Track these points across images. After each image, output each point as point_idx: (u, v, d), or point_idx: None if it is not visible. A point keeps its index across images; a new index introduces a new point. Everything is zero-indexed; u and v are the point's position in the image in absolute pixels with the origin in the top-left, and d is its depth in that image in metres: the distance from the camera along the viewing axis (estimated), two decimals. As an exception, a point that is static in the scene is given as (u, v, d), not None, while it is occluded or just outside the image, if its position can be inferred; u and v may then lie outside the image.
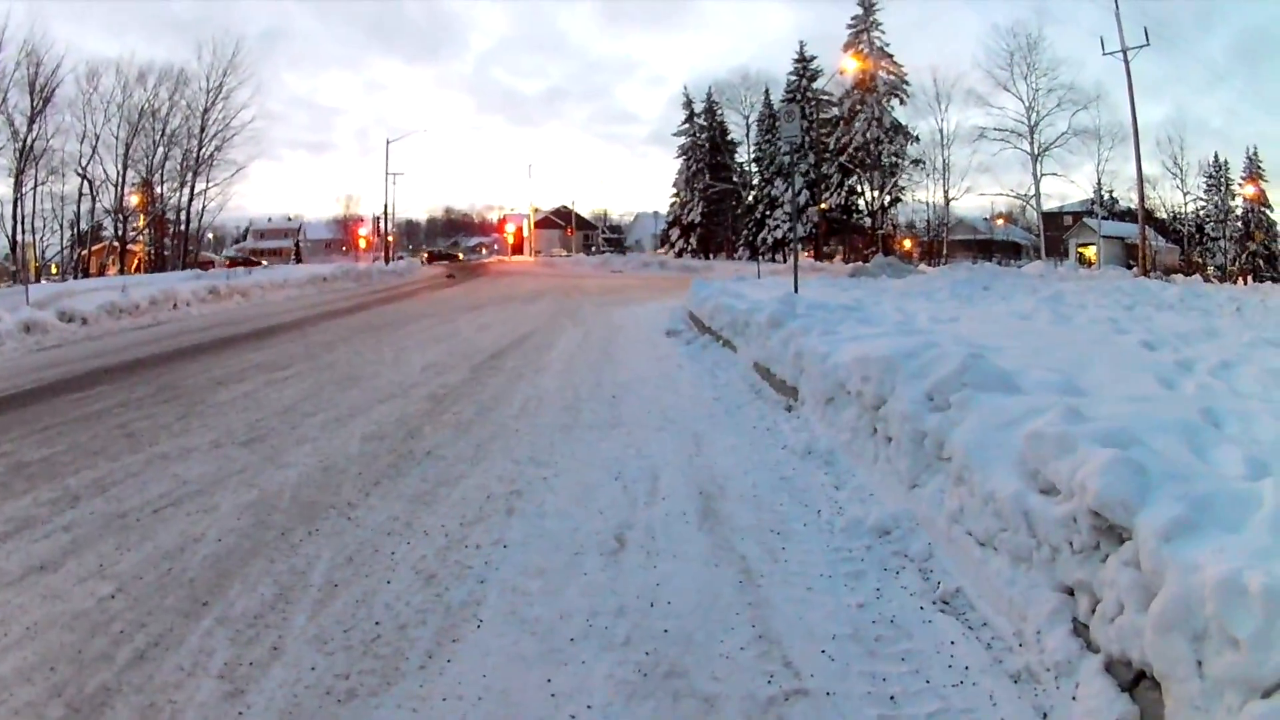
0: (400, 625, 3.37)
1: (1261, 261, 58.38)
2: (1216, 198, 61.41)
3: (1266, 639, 2.11)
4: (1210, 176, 61.31)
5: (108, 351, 12.07)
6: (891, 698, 2.89)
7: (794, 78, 57.03)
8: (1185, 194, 60.21)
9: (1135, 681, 2.63)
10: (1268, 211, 61.30)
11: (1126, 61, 35.24)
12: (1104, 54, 36.08)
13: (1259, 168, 61.13)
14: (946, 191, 53.58)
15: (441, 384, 8.68)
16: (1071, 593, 3.05)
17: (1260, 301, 18.00)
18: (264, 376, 9.25)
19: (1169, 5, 70.94)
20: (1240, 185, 60.74)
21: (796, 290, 13.15)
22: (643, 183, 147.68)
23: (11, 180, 44.47)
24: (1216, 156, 61.67)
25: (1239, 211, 61.00)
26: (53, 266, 50.95)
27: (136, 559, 4.04)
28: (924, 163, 53.03)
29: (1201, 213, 61.64)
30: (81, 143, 47.71)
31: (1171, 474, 2.95)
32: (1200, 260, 58.17)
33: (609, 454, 5.98)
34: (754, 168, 61.37)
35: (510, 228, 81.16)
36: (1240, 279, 47.25)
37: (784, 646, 3.21)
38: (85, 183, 48.93)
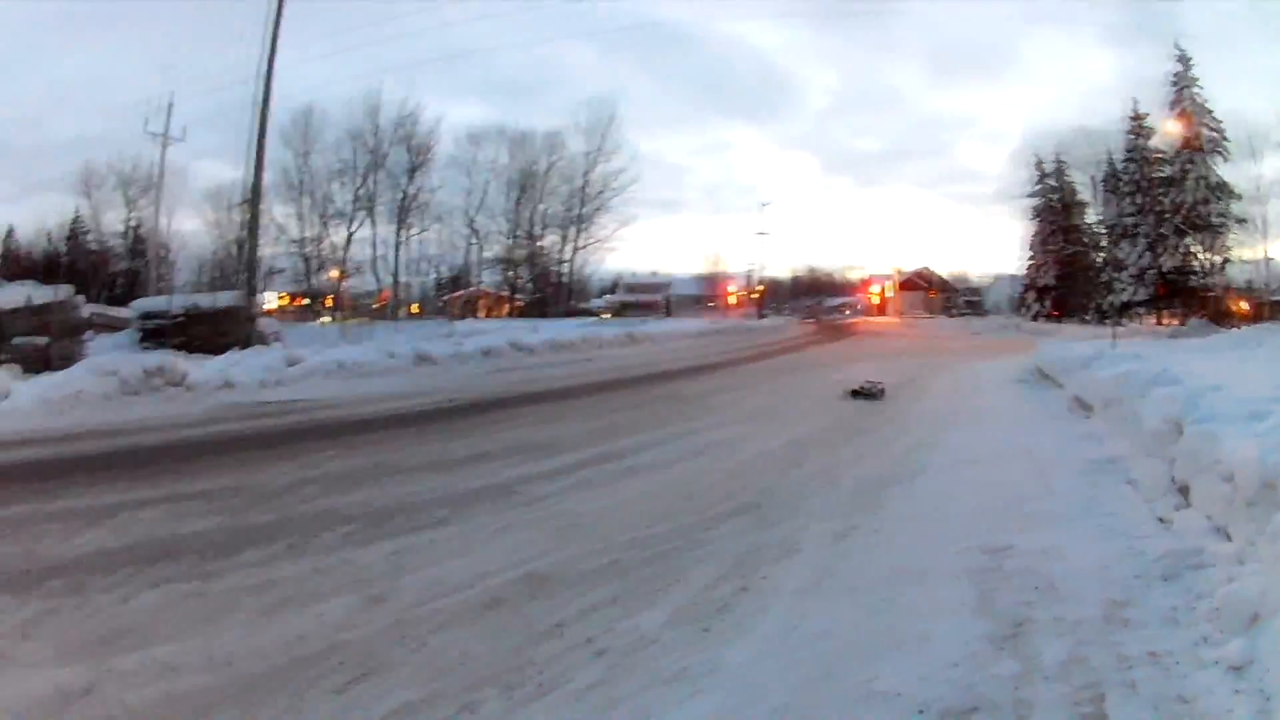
0: (904, 454, 8.99)
1: None
2: None
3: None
4: None
5: (575, 375, 18.85)
6: (1093, 498, 7.39)
7: (1131, 136, 55.82)
8: None
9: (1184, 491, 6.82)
10: None
11: None
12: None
13: None
14: (1265, 249, 50.35)
15: (857, 406, 13.85)
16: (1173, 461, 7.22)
17: None
18: (728, 395, 15.24)
19: None
20: None
21: (1114, 346, 16.97)
22: (993, 242, 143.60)
23: (394, 226, 54.25)
24: None
25: None
26: (414, 306, 60.36)
27: (754, 449, 9.62)
28: (1247, 220, 50.35)
29: None
30: (469, 197, 57.87)
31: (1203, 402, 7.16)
32: None
33: (977, 434, 10.90)
34: (1102, 229, 60.58)
35: (874, 289, 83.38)
36: None
37: (1048, 477, 8.06)
38: (473, 233, 59.07)
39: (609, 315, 57.23)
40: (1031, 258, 64.00)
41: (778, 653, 4.14)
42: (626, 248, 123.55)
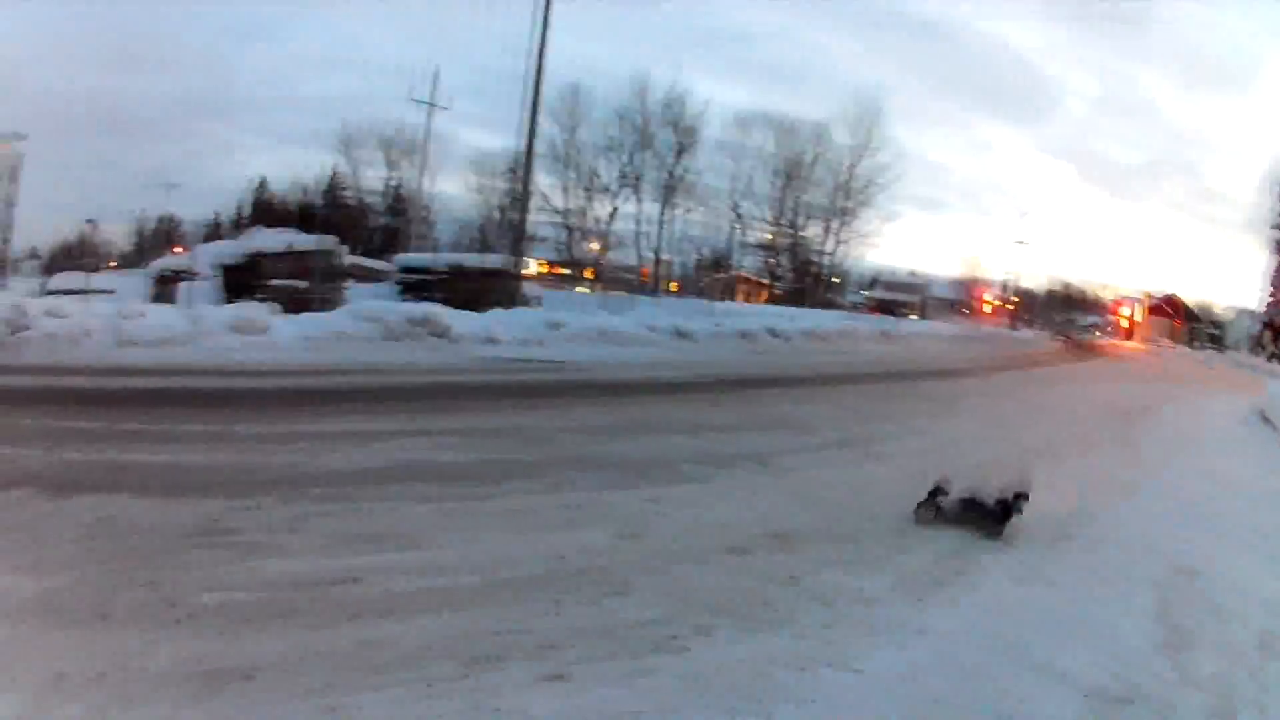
0: (1127, 478, 9.16)
1: None
2: None
3: None
4: None
5: (828, 365, 19.68)
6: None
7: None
8: None
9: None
10: None
11: None
12: None
13: None
14: None
15: (1091, 427, 13.86)
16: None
17: None
18: (974, 400, 15.68)
19: None
20: None
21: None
22: (1240, 272, 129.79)
23: (658, 204, 55.66)
24: None
25: None
26: (673, 284, 59.47)
27: (990, 451, 9.82)
28: None
29: None
30: (733, 181, 58.34)
31: None
32: None
33: (1191, 467, 10.85)
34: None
35: (1125, 311, 78.57)
36: None
37: (1248, 515, 8.46)
38: (736, 217, 59.46)
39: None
40: (1273, 295, 58.30)
41: (978, 625, 4.78)
42: (885, 243, 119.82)
